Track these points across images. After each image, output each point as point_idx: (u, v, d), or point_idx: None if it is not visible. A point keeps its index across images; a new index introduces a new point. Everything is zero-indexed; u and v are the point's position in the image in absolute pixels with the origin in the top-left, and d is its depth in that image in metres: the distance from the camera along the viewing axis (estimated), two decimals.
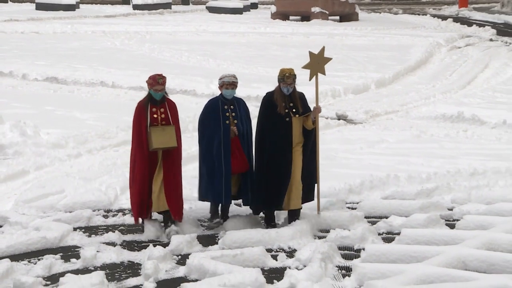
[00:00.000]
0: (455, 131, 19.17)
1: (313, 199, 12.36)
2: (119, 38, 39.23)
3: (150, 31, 42.42)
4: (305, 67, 12.51)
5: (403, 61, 31.06)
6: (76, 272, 10.64)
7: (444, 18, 52.07)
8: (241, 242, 11.65)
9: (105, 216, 13.20)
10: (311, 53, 12.54)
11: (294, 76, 11.85)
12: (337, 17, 50.84)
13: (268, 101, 11.90)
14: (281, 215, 12.55)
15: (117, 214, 13.30)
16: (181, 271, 10.75)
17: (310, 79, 12.48)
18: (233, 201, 12.50)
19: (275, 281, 10.27)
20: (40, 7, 56.13)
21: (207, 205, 13.46)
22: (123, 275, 10.68)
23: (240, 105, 12.15)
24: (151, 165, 11.79)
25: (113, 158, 16.52)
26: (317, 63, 12.54)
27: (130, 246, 11.80)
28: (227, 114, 11.92)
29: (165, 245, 11.62)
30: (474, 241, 11.12)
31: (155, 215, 12.39)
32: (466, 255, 10.65)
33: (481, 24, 47.57)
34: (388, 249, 10.97)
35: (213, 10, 57.28)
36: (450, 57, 33.65)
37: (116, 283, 10.39)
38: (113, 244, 11.82)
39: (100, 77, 26.72)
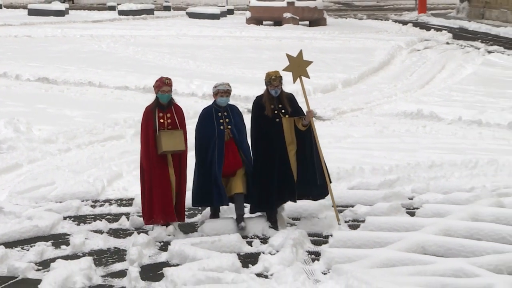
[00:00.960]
0: (414, 127, 19.23)
1: (324, 197, 11.85)
2: (105, 41, 39.15)
3: (134, 35, 42.31)
4: (285, 69, 12.05)
5: (367, 62, 31.13)
6: (66, 258, 10.63)
7: (404, 23, 52.17)
8: (218, 229, 11.66)
9: (93, 206, 13.21)
10: (288, 56, 12.19)
11: (280, 78, 11.50)
12: (307, 22, 50.83)
13: (258, 104, 11.51)
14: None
15: (104, 204, 13.31)
16: (163, 257, 10.76)
17: (294, 82, 12.08)
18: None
19: (250, 265, 10.30)
20: (32, 12, 56.25)
21: (189, 194, 13.51)
22: (109, 261, 10.68)
23: (233, 111, 11.64)
24: (162, 168, 11.26)
25: (100, 153, 16.50)
26: (298, 66, 12.08)
27: (116, 233, 11.78)
28: (221, 120, 11.45)
29: (148, 232, 11.61)
30: (432, 227, 11.16)
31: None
32: (425, 241, 10.70)
33: (438, 28, 47.70)
34: (354, 235, 11.00)
35: (192, 15, 57.29)
36: (410, 59, 33.72)
37: (103, 267, 10.40)
38: (100, 232, 11.82)
39: (88, 77, 26.66)
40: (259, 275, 9.97)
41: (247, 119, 11.73)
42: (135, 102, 22.63)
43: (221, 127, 11.36)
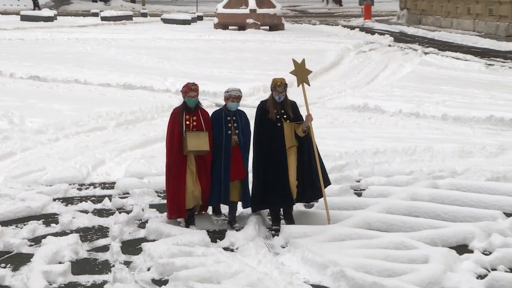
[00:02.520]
0: (361, 118, 19.32)
1: (308, 201, 11.20)
2: (89, 44, 38.96)
3: (115, 38, 42.14)
4: (291, 72, 11.30)
5: (320, 62, 31.16)
6: (56, 234, 10.59)
7: (352, 28, 52.32)
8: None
9: (79, 189, 13.15)
10: (294, 61, 11.32)
11: (285, 85, 10.79)
12: (267, 27, 50.86)
13: (262, 108, 10.82)
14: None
15: (89, 187, 13.26)
16: (141, 233, 10.74)
17: (298, 85, 11.18)
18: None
19: (218, 240, 10.31)
20: (24, 18, 55.98)
21: (162, 178, 13.50)
22: (94, 237, 10.65)
23: (241, 117, 10.88)
24: (181, 167, 10.55)
25: (86, 142, 16.42)
26: (302, 72, 11.20)
27: (100, 213, 11.74)
28: (230, 125, 10.72)
29: (128, 212, 11.59)
30: (376, 206, 11.23)
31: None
32: (370, 218, 10.77)
33: (382, 32, 47.86)
34: (309, 214, 11.02)
35: (167, 21, 57.19)
36: (357, 59, 33.85)
37: (88, 243, 10.37)
38: (85, 211, 11.77)
39: (74, 75, 26.50)
40: (226, 249, 9.98)
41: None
42: (116, 98, 22.65)
43: (229, 131, 10.70)
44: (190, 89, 10.64)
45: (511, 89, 24.08)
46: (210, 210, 11.37)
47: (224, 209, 11.34)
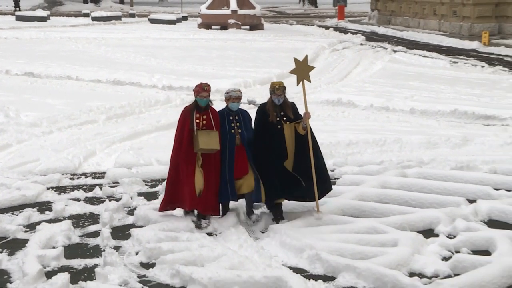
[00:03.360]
0: (335, 112, 19.35)
1: (328, 191, 10.61)
2: (81, 42, 38.81)
3: (105, 37, 42.01)
4: (291, 72, 10.83)
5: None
6: (49, 221, 10.58)
7: (327, 28, 52.39)
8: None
9: (72, 179, 13.10)
10: (296, 60, 10.77)
11: (283, 88, 10.27)
12: (248, 27, 50.86)
13: (262, 110, 10.37)
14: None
15: (80, 177, 13.20)
16: (130, 219, 10.72)
17: (297, 84, 10.63)
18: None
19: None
20: (19, 18, 55.73)
21: (150, 168, 13.49)
22: (85, 223, 10.62)
23: (244, 116, 10.47)
24: (189, 164, 10.08)
25: (77, 134, 16.37)
26: (302, 70, 10.65)
27: (91, 201, 11.70)
28: (232, 124, 10.29)
29: (118, 200, 11.57)
30: (350, 194, 11.26)
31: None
32: (344, 204, 10.80)
33: (354, 32, 47.97)
34: (287, 202, 11.02)
35: (153, 21, 57.07)
36: (332, 57, 33.89)
37: (80, 229, 10.34)
38: (77, 199, 11.74)
39: (66, 72, 26.40)
40: (209, 234, 9.98)
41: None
42: (106, 93, 22.58)
43: (232, 130, 10.27)
44: (202, 89, 10.13)
45: (474, 84, 24.19)
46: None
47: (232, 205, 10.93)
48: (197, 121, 10.09)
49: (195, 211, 10.36)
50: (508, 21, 43.99)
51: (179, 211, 10.74)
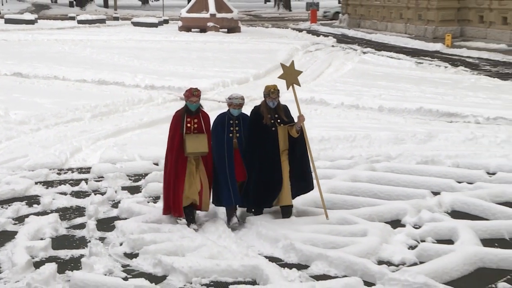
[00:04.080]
0: (308, 110, 19.33)
1: (309, 191, 10.21)
2: (67, 44, 38.59)
3: (90, 39, 41.78)
4: (280, 77, 10.47)
5: (272, 61, 31.17)
6: (37, 214, 10.55)
7: (300, 30, 52.48)
8: (158, 190, 11.63)
9: (59, 173, 13.06)
10: (283, 65, 10.50)
11: (277, 92, 9.97)
12: (226, 30, 50.78)
13: (256, 113, 9.95)
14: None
15: (67, 172, 13.16)
16: (114, 212, 10.69)
17: (287, 89, 10.40)
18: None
19: (181, 219, 10.27)
20: (8, 21, 55.34)
21: (133, 163, 13.44)
22: (72, 216, 10.59)
23: (244, 121, 9.97)
24: (183, 166, 9.67)
25: (64, 132, 16.29)
26: (290, 75, 10.37)
27: (77, 194, 11.66)
28: (231, 128, 9.85)
29: (103, 193, 11.53)
30: (322, 187, 11.25)
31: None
32: (317, 197, 10.73)
33: (326, 35, 48.07)
34: (307, 212, 10.82)
35: (136, 24, 56.84)
36: (305, 58, 33.93)
37: (67, 221, 10.30)
38: (64, 193, 11.70)
39: (53, 72, 26.26)
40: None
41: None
42: (92, 92, 22.44)
43: (230, 134, 9.83)
44: (192, 95, 9.73)
45: (438, 84, 24.31)
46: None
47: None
48: (188, 125, 9.73)
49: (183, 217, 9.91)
50: (469, 25, 44.29)
51: (161, 204, 10.73)
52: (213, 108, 19.59)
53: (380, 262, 8.59)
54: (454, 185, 11.70)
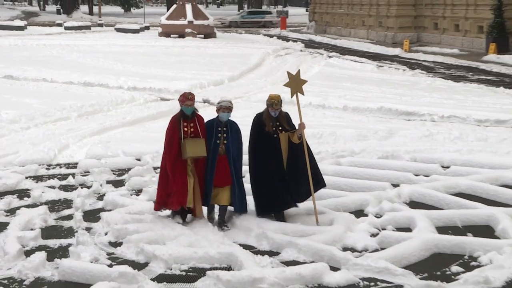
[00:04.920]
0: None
1: (307, 199, 9.63)
2: (55, 49, 38.29)
3: (76, 44, 41.51)
4: (286, 85, 9.97)
5: (246, 64, 31.20)
6: (28, 206, 10.46)
7: (271, 36, 52.51)
8: (140, 184, 11.59)
9: (47, 169, 12.94)
10: (289, 73, 9.95)
11: (280, 102, 9.49)
12: (202, 35, 50.70)
13: (258, 121, 9.52)
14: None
15: (55, 167, 13.05)
16: (100, 204, 10.62)
17: (291, 97, 9.91)
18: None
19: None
20: (0, 28, 54.74)
21: (117, 159, 13.38)
22: (60, 208, 10.50)
23: (232, 128, 9.47)
24: (181, 169, 9.23)
25: (52, 130, 16.18)
26: (296, 83, 9.85)
27: (65, 188, 11.56)
28: (219, 135, 9.34)
29: (89, 187, 11.47)
30: None
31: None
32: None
33: (295, 40, 48.13)
34: (299, 216, 10.68)
35: (119, 30, 56.61)
36: (276, 61, 33.95)
37: (55, 213, 10.22)
38: (53, 187, 11.59)
39: (42, 75, 26.06)
40: (169, 216, 9.93)
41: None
42: (78, 93, 22.28)
43: (218, 141, 9.32)
44: (186, 99, 9.30)
45: (397, 85, 24.45)
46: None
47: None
48: (185, 129, 9.26)
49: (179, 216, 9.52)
50: (425, 31, 44.62)
51: (143, 197, 10.68)
52: (198, 107, 19.56)
53: (345, 249, 8.63)
54: (412, 178, 11.78)
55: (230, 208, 9.64)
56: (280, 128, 9.48)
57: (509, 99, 20.97)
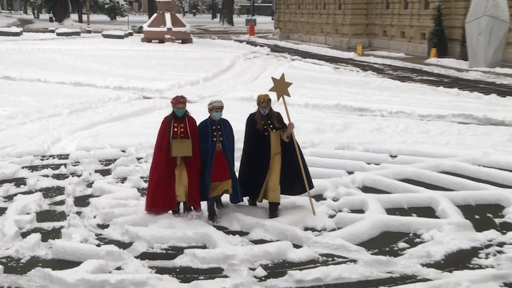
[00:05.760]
0: (248, 106, 19.19)
1: (302, 193, 9.31)
2: (48, 52, 37.79)
3: (67, 49, 41.02)
4: (270, 90, 9.45)
5: (219, 66, 31.11)
6: (24, 193, 10.34)
7: (241, 41, 52.40)
8: (125, 173, 11.51)
9: (42, 159, 12.79)
10: (273, 78, 9.55)
11: (268, 101, 9.09)
12: (180, 41, 50.42)
13: (252, 120, 9.22)
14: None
15: (49, 158, 12.91)
16: (89, 191, 10.55)
17: (278, 100, 9.42)
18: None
19: (144, 195, 10.21)
20: None
21: (104, 150, 13.26)
22: (53, 194, 10.40)
23: (225, 125, 9.09)
24: (170, 167, 8.75)
25: (46, 125, 15.99)
26: (281, 86, 9.41)
27: (58, 177, 11.45)
28: (215, 133, 8.89)
29: (79, 176, 11.36)
30: None
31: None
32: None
33: (262, 45, 48.10)
34: (296, 207, 10.36)
35: (106, 36, 56.01)
36: (245, 64, 33.90)
37: (49, 199, 10.12)
38: (47, 176, 11.48)
39: (37, 76, 25.74)
40: None
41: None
42: (69, 92, 22.01)
43: (214, 138, 8.84)
44: (178, 102, 8.82)
45: (351, 85, 24.57)
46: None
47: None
48: (175, 129, 8.75)
49: (181, 205, 9.04)
50: (375, 37, 44.93)
51: (128, 184, 10.60)
52: (169, 105, 19.43)
53: (306, 229, 8.65)
54: (364, 166, 11.85)
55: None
56: (272, 126, 9.11)
57: (448, 97, 21.21)
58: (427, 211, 9.39)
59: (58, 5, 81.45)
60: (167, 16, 51.24)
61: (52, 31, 60.48)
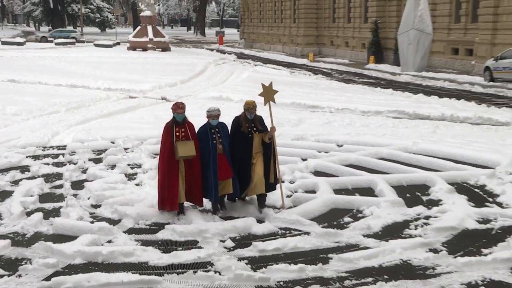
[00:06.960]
0: (218, 105, 18.78)
1: (272, 190, 8.64)
2: (47, 59, 37.11)
3: (64, 56, 40.31)
4: (260, 94, 8.91)
5: (193, 70, 30.90)
6: (28, 178, 10.14)
7: (212, 50, 52.11)
8: (114, 161, 11.38)
9: (43, 150, 12.56)
10: (263, 85, 8.98)
11: (255, 107, 8.51)
12: (160, 49, 49.93)
13: (237, 122, 8.53)
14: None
15: (49, 149, 12.68)
16: (84, 176, 10.39)
17: (265, 105, 8.80)
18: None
19: (132, 180, 10.10)
20: (4, 43, 53.45)
21: (96, 142, 13.07)
22: (53, 179, 10.23)
23: (223, 128, 8.41)
24: (174, 170, 8.04)
25: (46, 121, 15.72)
26: (268, 93, 8.84)
27: (57, 164, 11.26)
28: (214, 136, 8.22)
29: (75, 164, 11.18)
30: None
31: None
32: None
33: (230, 53, 47.90)
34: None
35: (98, 45, 55.16)
36: (215, 69, 33.74)
37: (50, 183, 9.95)
38: (47, 164, 11.28)
39: (38, 79, 25.23)
40: (137, 184, 9.80)
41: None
42: (66, 93, 21.62)
43: (214, 141, 8.20)
44: (178, 107, 8.16)
45: (304, 86, 24.65)
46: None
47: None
48: (177, 133, 8.07)
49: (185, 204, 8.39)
50: (324, 46, 45.19)
51: (117, 170, 10.45)
52: (151, 103, 19.38)
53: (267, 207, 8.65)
54: (316, 154, 11.91)
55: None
56: (255, 129, 8.49)
57: (384, 96, 21.45)
58: (368, 191, 9.47)
59: (56, 19, 79.92)
60: (149, 28, 50.76)
61: (51, 41, 59.54)
